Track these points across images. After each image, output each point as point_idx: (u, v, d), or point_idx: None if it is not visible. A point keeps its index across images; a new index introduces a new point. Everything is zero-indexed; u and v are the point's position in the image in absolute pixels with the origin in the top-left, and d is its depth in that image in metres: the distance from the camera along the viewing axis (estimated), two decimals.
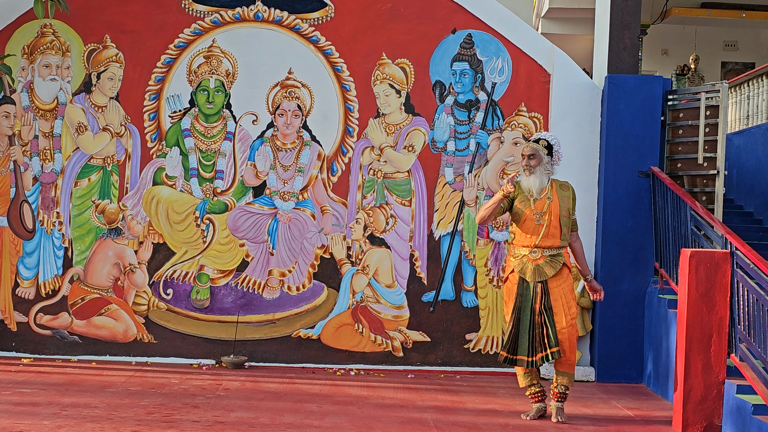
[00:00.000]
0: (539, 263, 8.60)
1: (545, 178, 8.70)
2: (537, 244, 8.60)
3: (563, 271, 8.64)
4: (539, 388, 8.81)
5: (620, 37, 11.34)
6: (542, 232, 8.58)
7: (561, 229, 8.63)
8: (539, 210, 8.62)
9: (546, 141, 8.75)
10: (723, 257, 8.49)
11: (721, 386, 8.43)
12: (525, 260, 8.64)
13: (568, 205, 8.70)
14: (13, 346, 11.19)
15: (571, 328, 8.56)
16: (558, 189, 8.74)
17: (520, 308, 8.61)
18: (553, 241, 8.60)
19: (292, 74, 11.34)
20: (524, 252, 8.66)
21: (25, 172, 11.19)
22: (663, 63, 21.35)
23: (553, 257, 8.61)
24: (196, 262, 11.26)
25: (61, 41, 11.24)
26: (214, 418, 8.31)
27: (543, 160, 8.69)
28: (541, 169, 8.69)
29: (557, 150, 8.78)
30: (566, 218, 8.67)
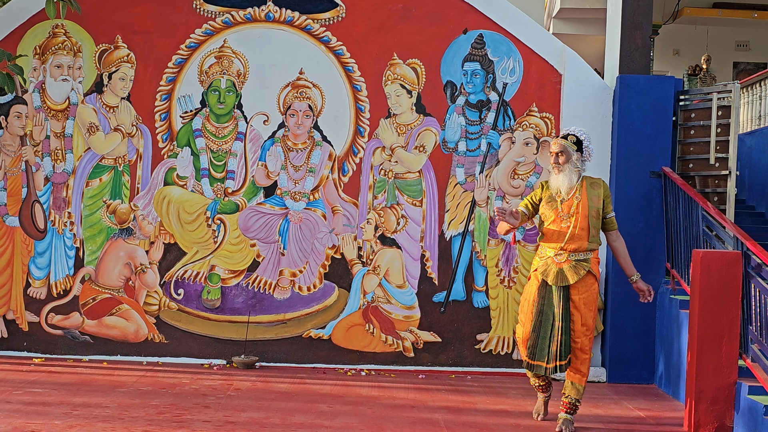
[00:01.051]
0: (563, 267, 8.23)
1: (575, 176, 8.32)
2: (563, 246, 8.24)
3: (587, 279, 8.28)
4: (545, 381, 8.65)
5: (632, 37, 11.32)
6: (569, 233, 8.21)
7: (589, 231, 8.25)
8: (567, 211, 8.28)
9: (575, 137, 8.38)
10: (735, 258, 8.47)
11: (732, 387, 8.41)
12: (549, 262, 8.31)
13: (597, 205, 8.30)
14: (24, 346, 11.22)
15: (585, 338, 8.24)
16: (588, 188, 8.35)
17: (541, 312, 8.28)
18: (580, 243, 8.23)
19: (303, 74, 11.35)
20: (550, 253, 8.31)
21: (36, 173, 11.21)
22: (675, 63, 21.33)
23: (578, 262, 8.23)
24: (207, 263, 11.27)
25: (73, 42, 11.26)
26: (224, 418, 8.32)
27: (572, 156, 8.31)
28: (570, 166, 8.30)
29: (587, 145, 8.39)
30: (595, 219, 8.27)
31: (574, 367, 8.30)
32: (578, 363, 8.29)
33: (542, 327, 8.27)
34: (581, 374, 8.33)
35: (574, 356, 8.27)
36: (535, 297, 8.35)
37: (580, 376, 8.33)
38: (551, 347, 8.21)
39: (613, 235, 8.48)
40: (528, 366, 8.35)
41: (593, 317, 8.29)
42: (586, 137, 8.41)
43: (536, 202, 8.48)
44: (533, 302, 8.35)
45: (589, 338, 8.27)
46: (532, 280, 8.45)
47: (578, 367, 8.30)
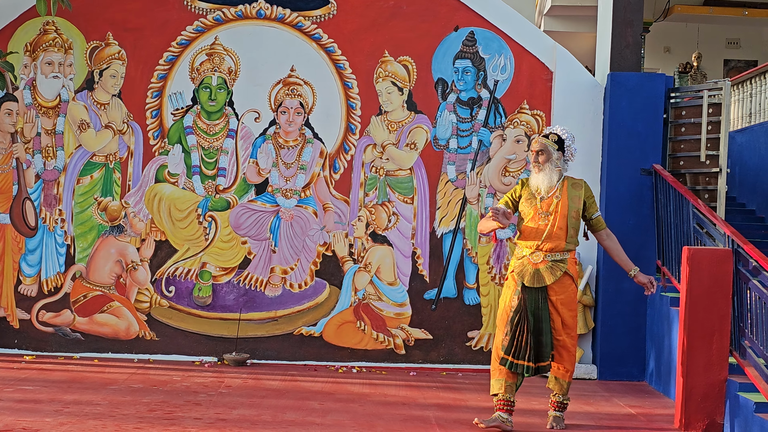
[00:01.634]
0: (539, 268, 8.02)
1: (555, 176, 8.13)
2: (539, 245, 8.03)
3: (564, 280, 8.06)
4: (508, 398, 8.10)
5: (623, 34, 11.33)
6: (546, 231, 8.01)
7: (567, 231, 8.04)
8: (545, 209, 8.09)
9: (556, 135, 8.22)
10: (725, 255, 8.48)
11: (723, 384, 8.43)
12: (525, 263, 8.09)
13: (577, 206, 8.10)
14: (15, 344, 11.20)
15: (568, 338, 8.05)
16: (569, 188, 8.16)
17: (522, 312, 8.00)
18: (557, 243, 8.02)
19: (295, 72, 11.34)
20: (526, 253, 8.10)
21: (27, 170, 11.20)
22: (665, 61, 21.36)
23: (555, 263, 8.03)
24: (199, 260, 11.27)
25: (64, 39, 11.24)
26: (216, 415, 8.31)
27: (552, 156, 8.13)
28: (551, 165, 8.12)
29: (569, 145, 8.22)
30: (574, 219, 8.07)
31: (558, 363, 8.14)
32: (562, 360, 8.11)
33: (522, 328, 7.98)
34: (565, 370, 8.16)
35: (557, 354, 8.08)
36: (512, 298, 8.10)
37: (564, 371, 8.16)
38: (535, 348, 7.98)
39: (603, 234, 8.33)
40: (511, 365, 7.96)
41: (574, 316, 8.10)
42: (568, 137, 8.25)
43: (516, 199, 8.27)
44: (511, 304, 8.09)
45: (572, 336, 8.10)
46: (509, 281, 8.22)
47: (563, 364, 8.13)
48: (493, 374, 8.15)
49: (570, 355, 8.11)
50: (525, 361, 7.95)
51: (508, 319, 8.06)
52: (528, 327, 7.98)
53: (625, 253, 8.43)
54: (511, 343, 7.99)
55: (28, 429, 7.52)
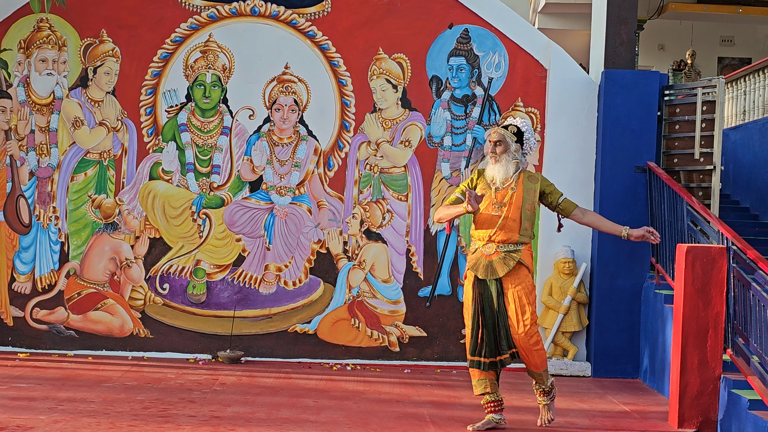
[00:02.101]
0: (492, 260, 7.88)
1: (511, 168, 7.98)
2: (491, 236, 7.88)
3: (519, 271, 7.92)
4: (495, 397, 8.07)
5: (617, 32, 11.33)
6: (498, 223, 7.85)
7: (521, 224, 7.89)
8: (500, 200, 7.93)
9: (516, 127, 8.08)
10: (719, 252, 8.49)
11: (717, 381, 8.44)
12: (479, 256, 7.95)
13: (532, 199, 7.96)
14: (9, 341, 11.19)
15: (527, 335, 7.86)
16: (525, 180, 8.01)
17: (482, 310, 7.88)
18: (510, 235, 7.86)
19: (289, 69, 11.34)
20: (479, 245, 7.97)
21: (21, 167, 11.18)
22: (660, 58, 21.39)
23: (508, 253, 7.88)
24: (193, 257, 11.26)
25: (58, 36, 11.23)
26: (210, 412, 8.31)
27: (510, 147, 7.98)
28: (508, 157, 7.98)
29: (528, 138, 8.08)
30: (529, 212, 7.94)
31: (525, 359, 7.97)
32: (528, 356, 7.94)
33: (484, 323, 7.88)
34: (535, 365, 8.00)
35: (521, 350, 7.91)
36: (471, 294, 7.96)
37: (534, 366, 8.01)
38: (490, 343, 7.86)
39: (577, 213, 8.12)
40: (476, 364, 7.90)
41: (532, 310, 7.91)
42: (528, 129, 8.12)
43: (471, 189, 7.98)
44: (471, 300, 7.97)
45: (534, 329, 7.90)
46: (468, 277, 8.06)
47: (530, 359, 7.97)
48: (472, 375, 8.05)
49: (531, 351, 7.92)
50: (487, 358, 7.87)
51: (470, 318, 7.97)
52: (484, 322, 7.87)
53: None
54: (474, 343, 7.91)
55: (22, 427, 7.51)
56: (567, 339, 11.13)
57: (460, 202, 8.01)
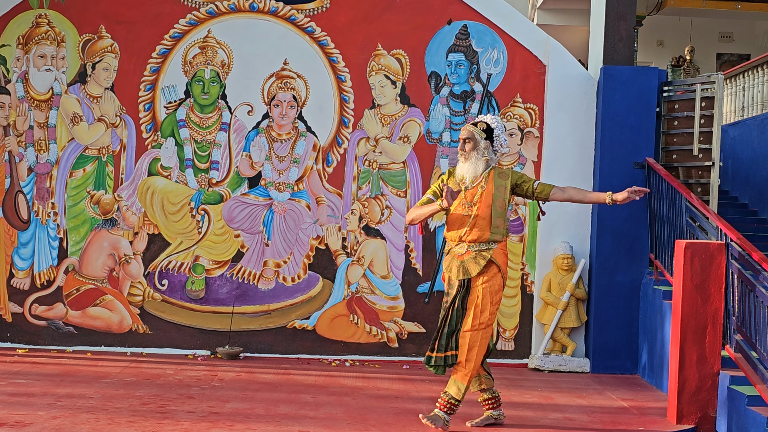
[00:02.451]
0: (464, 259, 7.78)
1: (481, 165, 7.84)
2: (462, 236, 7.79)
3: (490, 269, 7.78)
4: (491, 394, 8.07)
5: (616, 28, 11.33)
6: (469, 223, 7.76)
7: (491, 221, 7.75)
8: (470, 199, 7.81)
9: (485, 123, 7.92)
10: (718, 248, 8.49)
11: (715, 377, 8.44)
12: (452, 256, 7.87)
13: (503, 196, 7.82)
14: (8, 337, 11.19)
15: (475, 333, 7.71)
16: (496, 177, 7.86)
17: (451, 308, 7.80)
18: (481, 233, 7.74)
19: (288, 65, 11.33)
20: (452, 246, 7.89)
21: (20, 163, 11.18)
22: (658, 54, 21.37)
23: (479, 252, 7.76)
24: (191, 253, 11.26)
25: (56, 31, 11.22)
26: (209, 408, 8.31)
27: (479, 144, 7.83)
28: (477, 154, 7.84)
29: (498, 135, 7.90)
30: (500, 209, 7.80)
31: (459, 362, 7.77)
32: (463, 357, 7.75)
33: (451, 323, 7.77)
34: (465, 371, 7.78)
35: (461, 350, 7.73)
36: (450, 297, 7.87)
37: (462, 374, 7.79)
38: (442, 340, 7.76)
39: (557, 193, 7.90)
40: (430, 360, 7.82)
41: (491, 312, 7.76)
42: (498, 126, 7.93)
43: (443, 189, 7.84)
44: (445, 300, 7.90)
45: (483, 334, 7.73)
46: (446, 279, 7.97)
47: (462, 362, 7.77)
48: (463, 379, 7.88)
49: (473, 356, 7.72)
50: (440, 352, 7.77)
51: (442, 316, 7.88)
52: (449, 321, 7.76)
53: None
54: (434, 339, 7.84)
55: (21, 422, 7.52)
56: (566, 335, 11.14)
57: (431, 203, 7.88)
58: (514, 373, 10.83)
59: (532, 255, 11.35)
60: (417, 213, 7.93)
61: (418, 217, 7.92)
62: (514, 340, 11.33)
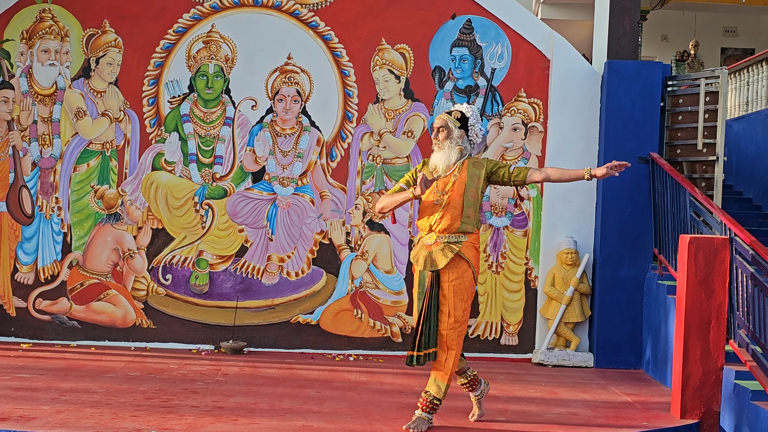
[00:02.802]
0: (432, 250, 7.59)
1: (454, 155, 7.68)
2: (432, 225, 7.60)
3: (459, 265, 7.60)
4: (466, 378, 7.95)
5: (620, 22, 11.32)
6: (439, 212, 7.58)
7: (463, 211, 7.57)
8: (441, 188, 7.61)
9: (460, 112, 7.78)
10: (722, 243, 8.48)
11: (719, 372, 8.43)
12: (420, 246, 7.69)
13: (476, 185, 7.63)
14: (12, 332, 11.20)
15: (451, 332, 7.56)
16: (470, 166, 7.70)
17: (420, 300, 7.66)
18: (451, 223, 7.55)
19: (292, 60, 11.33)
20: (422, 235, 7.69)
21: (24, 158, 11.18)
22: (663, 49, 21.35)
23: (447, 244, 7.58)
24: (195, 248, 11.26)
25: (60, 26, 11.22)
26: (213, 403, 8.32)
27: (453, 133, 7.69)
28: (451, 143, 7.69)
29: (474, 124, 7.78)
30: (472, 199, 7.60)
31: (439, 361, 7.64)
32: (442, 357, 7.62)
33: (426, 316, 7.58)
34: (444, 371, 7.64)
35: (439, 349, 7.60)
36: (416, 288, 7.73)
37: (443, 373, 7.65)
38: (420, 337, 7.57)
39: (533, 174, 7.68)
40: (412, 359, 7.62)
41: (464, 308, 7.62)
42: (473, 115, 7.80)
43: (416, 178, 7.72)
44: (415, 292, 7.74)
45: (458, 332, 7.58)
46: (415, 269, 7.80)
47: (441, 361, 7.63)
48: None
49: (452, 354, 7.60)
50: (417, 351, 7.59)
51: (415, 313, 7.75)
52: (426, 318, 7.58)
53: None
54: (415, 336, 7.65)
55: (25, 417, 7.52)
56: (569, 330, 11.13)
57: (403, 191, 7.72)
58: (517, 367, 10.83)
59: (535, 250, 11.35)
60: (387, 201, 7.73)
61: (389, 205, 7.71)
62: (518, 335, 11.34)
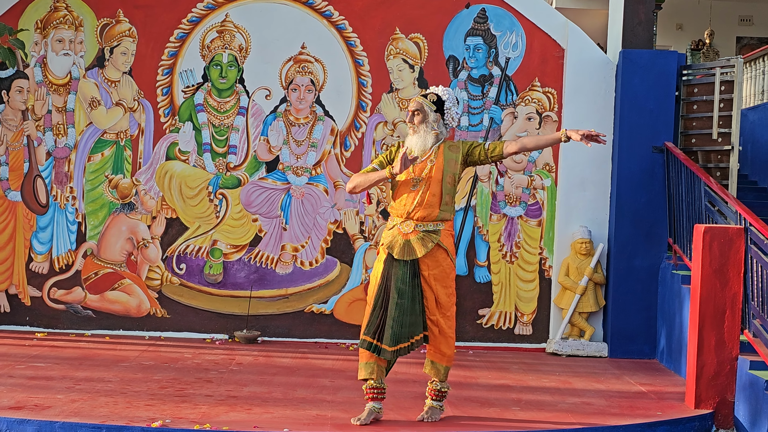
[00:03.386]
0: (410, 239, 7.41)
1: (430, 139, 7.47)
2: (410, 212, 7.42)
3: (437, 254, 7.46)
4: (379, 384, 7.60)
5: (635, 11, 11.27)
6: (417, 199, 7.40)
7: (441, 198, 7.42)
8: (418, 174, 7.43)
9: (435, 95, 7.55)
10: (737, 233, 8.46)
11: (734, 362, 8.42)
12: (396, 233, 7.47)
13: (454, 170, 7.46)
14: (27, 321, 11.23)
15: (447, 319, 7.51)
16: (446, 150, 7.50)
17: (388, 289, 7.44)
18: (430, 211, 7.40)
19: (305, 49, 11.32)
20: (396, 222, 7.48)
21: (38, 147, 11.20)
22: (678, 38, 21.28)
23: (427, 233, 7.42)
24: (209, 237, 11.27)
25: (74, 16, 11.22)
26: (227, 392, 8.33)
27: (429, 117, 7.47)
28: (426, 127, 7.48)
29: (450, 107, 7.56)
30: (450, 186, 7.45)
31: (435, 346, 7.55)
32: (437, 343, 7.53)
33: (387, 305, 7.42)
34: (441, 354, 7.57)
35: (431, 335, 7.49)
36: (381, 272, 7.51)
37: (440, 356, 7.58)
38: (394, 328, 7.36)
39: (509, 146, 7.46)
40: (370, 346, 7.43)
41: (449, 294, 7.54)
42: (449, 98, 7.58)
43: (390, 161, 7.58)
44: (378, 278, 7.51)
45: (448, 317, 7.52)
46: (380, 254, 7.59)
47: (439, 347, 7.55)
48: (360, 356, 7.62)
49: (446, 338, 7.54)
50: (383, 344, 7.39)
51: (374, 296, 7.53)
52: (388, 305, 7.42)
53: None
54: (373, 324, 7.45)
55: (40, 406, 7.55)
56: (584, 319, 11.12)
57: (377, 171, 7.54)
58: (531, 357, 10.83)
59: (550, 239, 11.33)
60: (360, 180, 7.54)
61: (362, 184, 7.52)
62: (532, 325, 11.33)
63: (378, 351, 7.43)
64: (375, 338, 7.44)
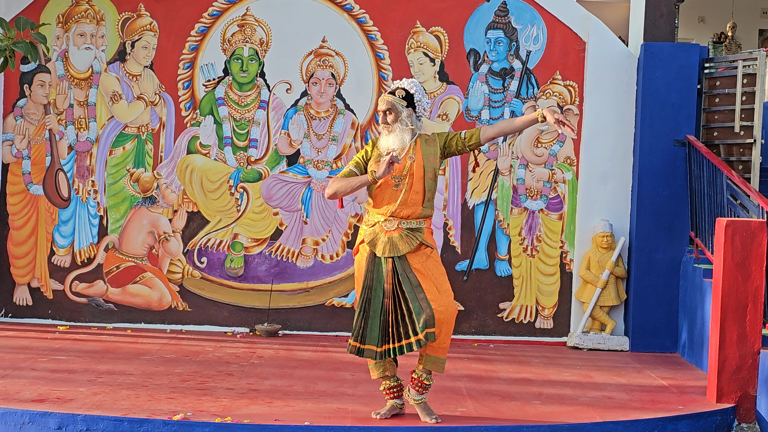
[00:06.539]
0: (393, 236, 7.24)
1: (407, 135, 7.30)
2: (394, 212, 7.26)
3: (423, 250, 7.32)
4: (395, 382, 7.52)
5: (657, 4, 11.23)
6: (400, 198, 7.23)
7: (425, 195, 7.28)
8: (399, 172, 7.27)
9: (404, 90, 7.34)
10: (759, 226, 8.42)
11: (756, 356, 8.39)
12: (378, 230, 7.30)
13: (434, 165, 7.31)
14: (49, 314, 11.28)
15: (450, 308, 7.24)
16: (423, 145, 7.34)
17: (370, 288, 7.29)
18: (414, 209, 7.27)
19: (326, 43, 11.32)
20: (379, 219, 7.31)
21: (60, 141, 11.24)
22: (700, 31, 21.17)
23: (411, 231, 7.27)
24: (230, 231, 11.29)
25: (96, 10, 11.25)
26: (248, 385, 8.35)
27: (402, 114, 7.28)
28: (401, 125, 7.28)
29: (420, 99, 7.36)
30: (431, 181, 7.30)
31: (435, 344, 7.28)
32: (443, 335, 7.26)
33: (372, 306, 7.28)
34: (443, 347, 7.35)
35: (438, 328, 7.18)
36: (363, 272, 7.37)
37: (444, 347, 7.36)
38: (386, 330, 7.24)
39: (487, 131, 7.31)
40: (358, 351, 7.32)
41: (445, 280, 7.32)
42: (418, 90, 7.37)
43: (366, 161, 7.39)
44: (362, 279, 7.37)
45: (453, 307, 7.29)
46: (360, 252, 7.44)
47: (440, 341, 7.28)
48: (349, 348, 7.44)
49: (450, 330, 7.30)
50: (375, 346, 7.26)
51: (358, 298, 7.40)
52: (374, 306, 7.28)
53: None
54: (358, 325, 7.31)
55: (62, 398, 7.58)
56: (605, 313, 11.09)
57: (354, 175, 7.36)
58: (552, 351, 10.81)
59: (571, 233, 11.31)
60: (340, 185, 7.36)
61: (343, 190, 7.33)
62: (553, 318, 11.30)
63: (362, 353, 7.30)
64: (359, 341, 7.30)
